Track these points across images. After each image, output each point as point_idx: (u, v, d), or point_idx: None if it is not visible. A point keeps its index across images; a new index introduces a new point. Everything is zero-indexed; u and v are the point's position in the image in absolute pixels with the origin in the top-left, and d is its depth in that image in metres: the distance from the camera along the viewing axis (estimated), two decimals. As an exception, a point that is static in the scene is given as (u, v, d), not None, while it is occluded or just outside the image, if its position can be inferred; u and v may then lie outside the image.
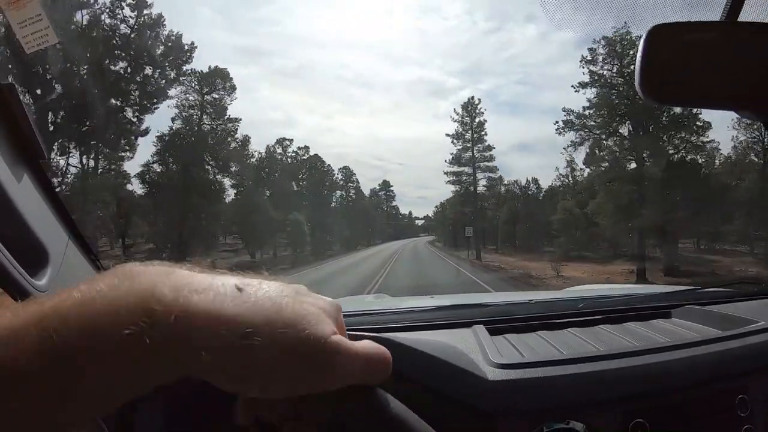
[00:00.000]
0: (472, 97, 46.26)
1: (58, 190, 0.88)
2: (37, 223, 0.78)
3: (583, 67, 24.40)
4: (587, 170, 31.10)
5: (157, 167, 25.63)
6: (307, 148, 42.59)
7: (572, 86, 24.52)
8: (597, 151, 25.44)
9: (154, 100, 22.34)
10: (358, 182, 51.27)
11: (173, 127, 26.59)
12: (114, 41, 19.69)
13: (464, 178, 40.35)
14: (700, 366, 0.87)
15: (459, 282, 17.42)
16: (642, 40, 0.65)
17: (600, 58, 24.06)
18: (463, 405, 0.75)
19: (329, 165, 45.75)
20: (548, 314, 1.15)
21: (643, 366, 0.84)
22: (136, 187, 25.08)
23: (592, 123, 24.75)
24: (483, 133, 40.14)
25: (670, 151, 23.56)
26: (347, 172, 50.60)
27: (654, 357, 0.87)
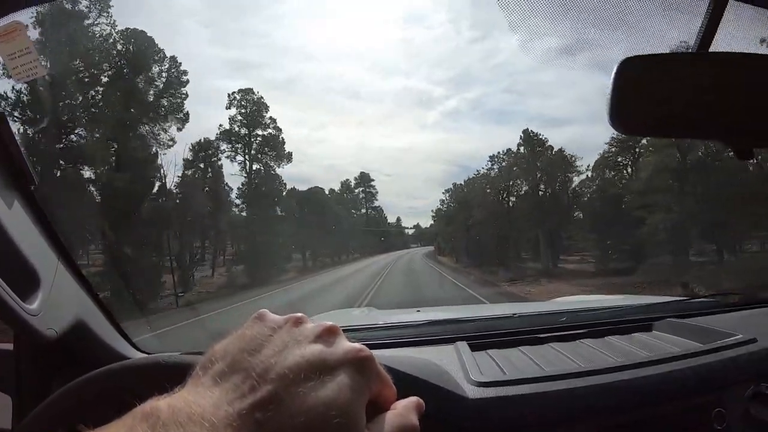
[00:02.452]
0: None
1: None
2: (27, 248, 0.80)
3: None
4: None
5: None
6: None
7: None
8: None
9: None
10: (279, 131, 22.62)
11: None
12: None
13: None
14: (679, 380, 0.89)
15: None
16: (613, 72, 0.66)
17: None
18: (443, 424, 0.77)
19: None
20: (531, 329, 1.17)
21: (623, 381, 0.86)
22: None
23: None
24: None
25: None
26: (251, 101, 22.26)
27: (633, 372, 0.89)
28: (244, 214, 22.18)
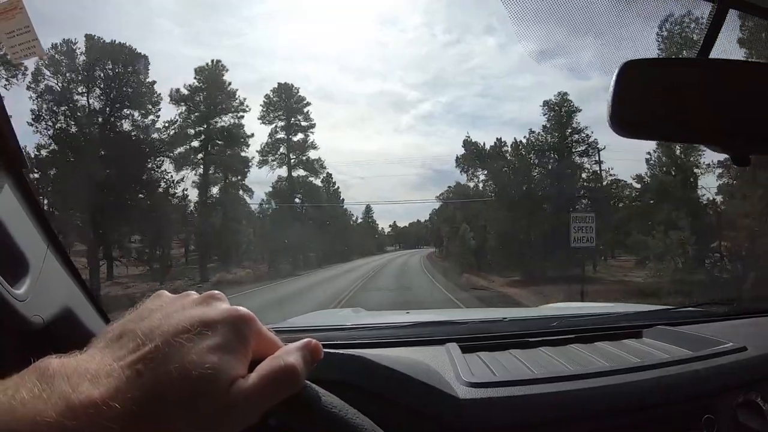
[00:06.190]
0: None
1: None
2: (16, 232, 0.78)
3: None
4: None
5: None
6: None
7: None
8: None
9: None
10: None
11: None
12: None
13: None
14: (668, 386, 0.89)
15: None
16: (614, 76, 0.67)
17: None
18: (433, 422, 0.77)
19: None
20: (521, 332, 1.17)
21: (612, 386, 0.87)
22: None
23: None
24: None
25: None
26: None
27: (623, 377, 0.89)
28: None
